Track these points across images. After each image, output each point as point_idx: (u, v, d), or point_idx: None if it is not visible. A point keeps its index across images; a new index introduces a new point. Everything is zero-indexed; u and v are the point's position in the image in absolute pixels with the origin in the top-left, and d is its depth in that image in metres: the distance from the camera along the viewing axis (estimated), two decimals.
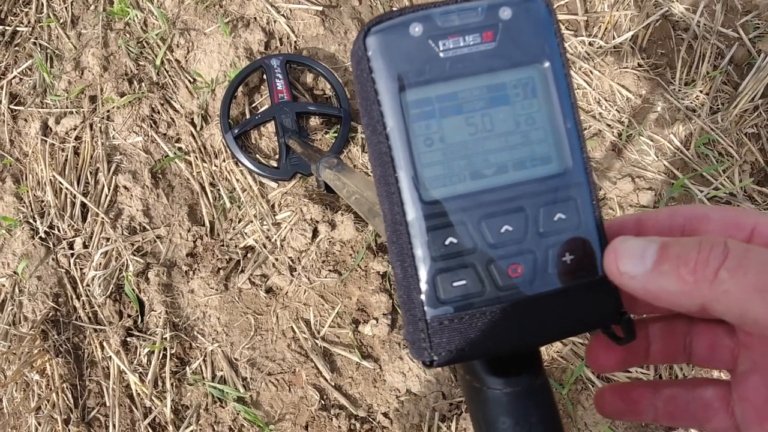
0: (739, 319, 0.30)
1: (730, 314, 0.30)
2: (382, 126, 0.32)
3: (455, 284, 0.33)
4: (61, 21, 1.62)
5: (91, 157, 1.49)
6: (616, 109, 1.57)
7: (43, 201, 1.46)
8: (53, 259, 1.40)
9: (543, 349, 1.30)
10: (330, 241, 1.40)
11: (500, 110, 0.33)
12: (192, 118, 1.52)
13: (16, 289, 1.38)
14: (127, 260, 1.38)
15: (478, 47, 0.32)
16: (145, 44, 1.59)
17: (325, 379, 1.32)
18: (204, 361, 1.33)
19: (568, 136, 0.33)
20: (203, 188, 1.47)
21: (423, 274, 0.33)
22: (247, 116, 1.52)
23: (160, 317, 1.35)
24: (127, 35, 1.59)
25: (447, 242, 0.32)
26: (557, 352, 1.32)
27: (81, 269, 1.40)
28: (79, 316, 1.36)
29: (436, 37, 0.32)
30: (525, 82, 0.33)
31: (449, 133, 0.33)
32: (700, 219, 0.36)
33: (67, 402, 1.29)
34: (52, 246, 1.41)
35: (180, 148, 1.50)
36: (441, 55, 0.32)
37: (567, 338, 0.36)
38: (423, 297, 0.32)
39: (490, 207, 0.33)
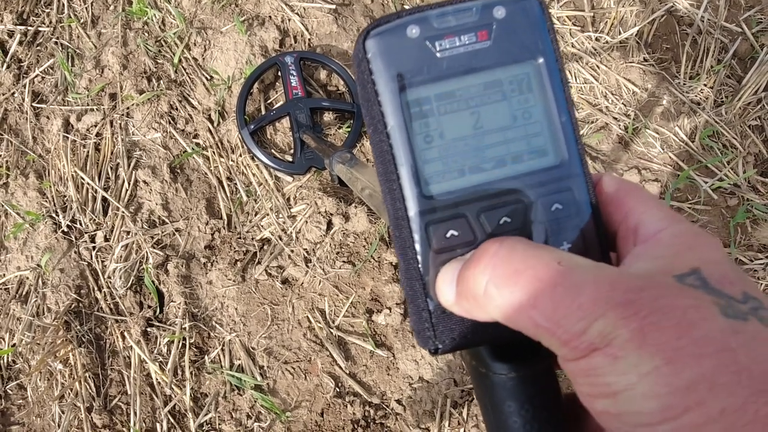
0: (526, 334, 0.27)
1: (516, 329, 0.27)
2: (383, 125, 0.32)
3: None
4: (82, 21, 1.57)
5: (112, 152, 1.45)
6: (623, 103, 1.52)
7: (65, 196, 1.42)
8: (75, 252, 1.36)
9: None
10: (344, 233, 1.35)
11: (497, 106, 0.32)
12: (209, 115, 1.48)
13: (40, 282, 1.34)
14: (147, 253, 1.34)
15: (474, 46, 0.32)
16: (163, 43, 1.54)
17: (340, 367, 1.28)
18: (222, 350, 1.29)
19: (563, 129, 0.33)
20: (220, 182, 1.43)
21: (425, 266, 0.32)
22: (263, 112, 1.47)
23: (179, 308, 1.31)
24: (146, 34, 1.55)
25: (448, 235, 0.32)
26: None
27: (102, 262, 1.36)
28: (101, 308, 1.33)
29: (432, 38, 0.32)
30: (520, 79, 0.32)
31: (448, 130, 0.32)
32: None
33: (90, 391, 1.26)
34: (74, 239, 1.38)
35: (198, 144, 1.46)
36: (438, 55, 0.32)
37: None
38: (426, 288, 0.32)
39: (488, 200, 0.32)
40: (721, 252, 0.28)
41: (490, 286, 0.27)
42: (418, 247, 0.32)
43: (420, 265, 0.32)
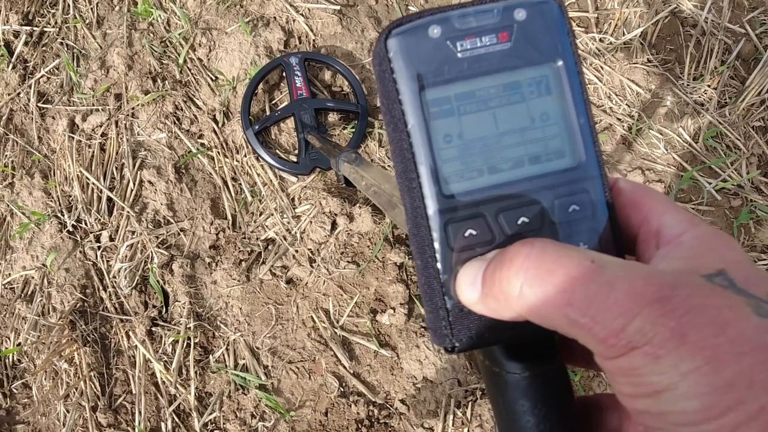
0: (561, 332, 0.27)
1: (550, 327, 0.27)
2: (403, 124, 0.32)
3: None
4: (87, 21, 1.57)
5: (117, 153, 1.45)
6: (627, 104, 1.51)
7: (70, 196, 1.42)
8: (81, 252, 1.36)
9: None
10: (348, 233, 1.35)
11: (516, 107, 0.33)
12: (214, 115, 1.47)
13: (45, 281, 1.34)
14: (152, 252, 1.34)
15: (495, 47, 0.32)
16: (168, 43, 1.54)
17: (344, 367, 1.27)
18: (227, 349, 1.29)
19: (581, 131, 0.33)
20: (225, 183, 1.42)
21: (443, 264, 0.32)
22: (268, 113, 1.47)
23: (184, 307, 1.30)
24: (151, 35, 1.55)
25: (466, 234, 0.32)
26: None
27: (107, 261, 1.36)
28: (106, 307, 1.32)
29: (454, 39, 0.32)
30: (539, 80, 0.33)
31: (467, 129, 0.32)
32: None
33: (95, 390, 1.26)
34: (79, 239, 1.37)
35: (203, 144, 1.46)
36: (459, 55, 0.32)
37: None
38: (444, 286, 0.32)
39: (507, 200, 0.32)
40: (742, 253, 0.28)
41: (525, 287, 0.27)
42: (436, 245, 0.32)
43: (438, 264, 0.32)
